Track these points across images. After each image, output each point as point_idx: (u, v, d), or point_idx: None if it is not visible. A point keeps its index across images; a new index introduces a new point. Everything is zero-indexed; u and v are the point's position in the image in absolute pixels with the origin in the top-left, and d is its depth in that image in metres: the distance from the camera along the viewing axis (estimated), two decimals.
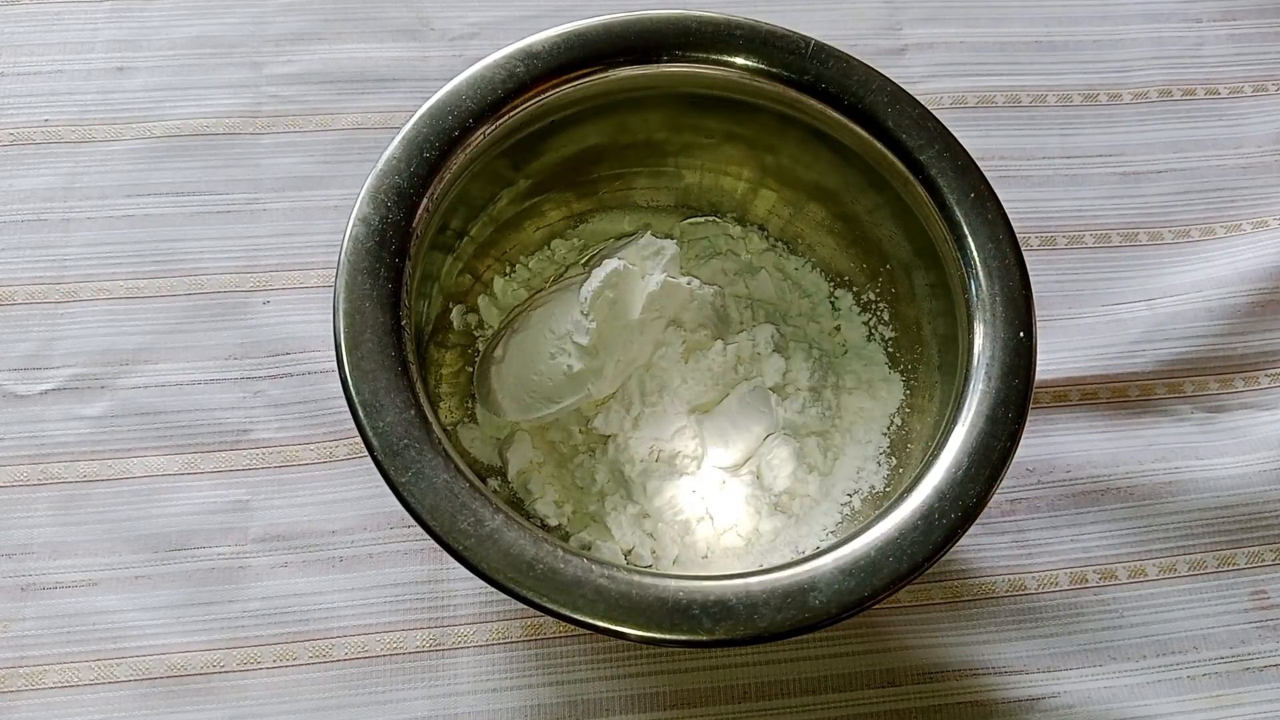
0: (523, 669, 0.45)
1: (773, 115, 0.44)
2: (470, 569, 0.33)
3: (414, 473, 0.34)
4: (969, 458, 0.36)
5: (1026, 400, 0.37)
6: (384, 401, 0.35)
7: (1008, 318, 0.38)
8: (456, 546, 0.33)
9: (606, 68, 0.42)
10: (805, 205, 0.48)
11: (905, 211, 0.43)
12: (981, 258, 0.39)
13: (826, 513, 0.44)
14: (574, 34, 0.42)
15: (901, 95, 0.42)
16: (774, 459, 0.44)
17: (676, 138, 0.48)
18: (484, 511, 0.34)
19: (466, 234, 0.45)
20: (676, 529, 0.43)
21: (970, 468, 0.36)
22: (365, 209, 0.38)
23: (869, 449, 0.45)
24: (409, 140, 0.39)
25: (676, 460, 0.44)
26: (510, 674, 0.45)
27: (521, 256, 0.49)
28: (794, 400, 0.46)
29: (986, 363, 0.37)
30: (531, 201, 0.48)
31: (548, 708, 0.44)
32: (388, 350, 0.36)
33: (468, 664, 0.45)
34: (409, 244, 0.38)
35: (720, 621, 0.33)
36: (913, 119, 0.42)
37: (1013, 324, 0.38)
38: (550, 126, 0.44)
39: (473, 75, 0.41)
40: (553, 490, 0.44)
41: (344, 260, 0.37)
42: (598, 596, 0.33)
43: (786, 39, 0.43)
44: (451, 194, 0.41)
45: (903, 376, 0.46)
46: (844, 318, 0.49)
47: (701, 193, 0.50)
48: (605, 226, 0.50)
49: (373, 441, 0.34)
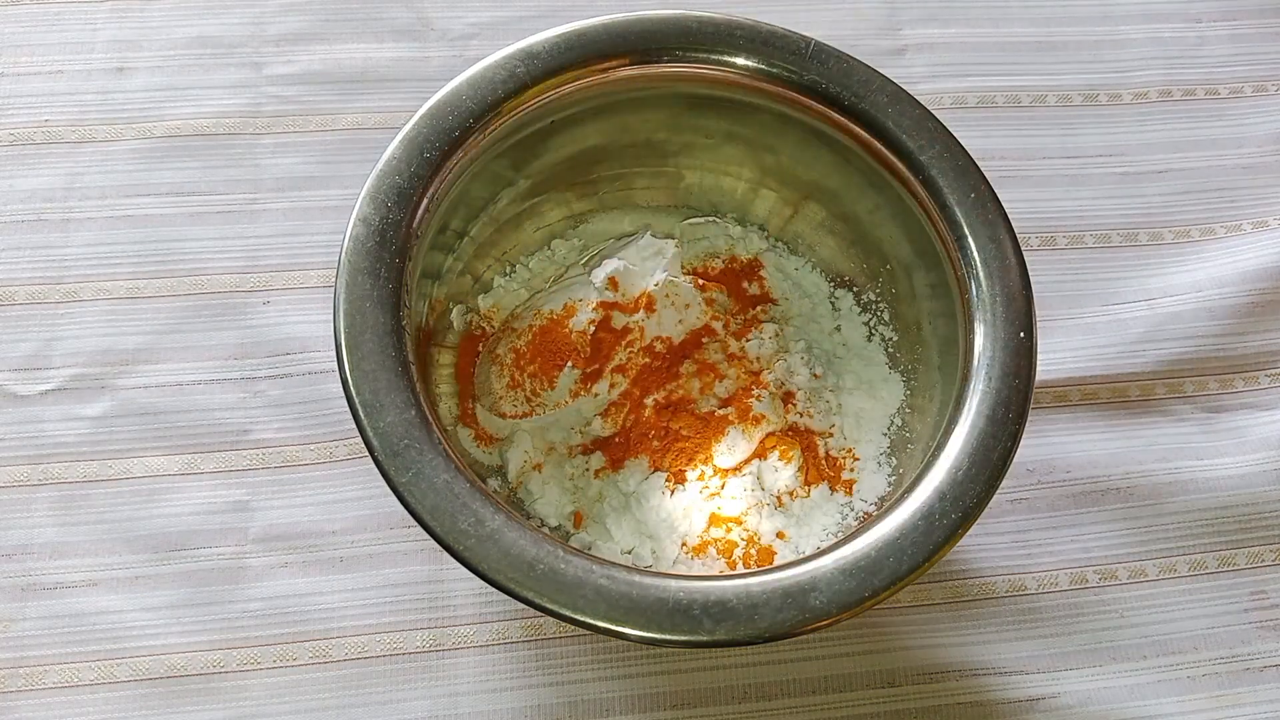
0: (523, 669, 0.45)
1: (772, 115, 0.44)
2: (471, 569, 0.33)
3: (414, 473, 0.34)
4: (969, 458, 0.36)
5: (1027, 401, 0.37)
6: (384, 402, 0.35)
7: (1008, 318, 0.38)
8: (457, 547, 0.33)
9: (606, 68, 0.42)
10: (805, 205, 0.48)
11: (905, 212, 0.43)
12: (982, 258, 0.39)
13: (827, 513, 0.44)
14: (574, 34, 0.42)
15: (902, 95, 0.42)
16: (775, 459, 0.44)
17: (677, 138, 0.48)
18: (484, 512, 0.34)
19: (467, 234, 0.45)
20: (677, 530, 0.43)
21: (970, 468, 0.36)
22: (366, 209, 0.38)
23: (870, 449, 0.45)
24: (409, 140, 0.39)
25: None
26: (511, 674, 0.45)
27: (522, 257, 0.49)
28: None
29: (987, 363, 0.37)
30: (532, 202, 0.48)
31: (548, 708, 0.44)
32: (388, 350, 0.36)
33: (468, 664, 0.45)
34: (409, 244, 0.38)
35: (721, 622, 0.33)
36: (913, 119, 0.42)
37: (1013, 324, 0.38)
38: (550, 127, 0.44)
39: (473, 75, 0.41)
40: (553, 490, 0.44)
41: (344, 260, 0.37)
42: (598, 597, 0.33)
43: (786, 39, 0.43)
44: (452, 194, 0.41)
45: (903, 377, 0.46)
46: (844, 318, 0.48)
47: (702, 193, 0.50)
48: (605, 227, 0.50)
49: (373, 442, 0.34)
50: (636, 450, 0.45)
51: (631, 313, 0.45)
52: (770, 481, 0.44)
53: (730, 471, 0.45)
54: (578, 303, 0.45)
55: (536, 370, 0.44)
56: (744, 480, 0.44)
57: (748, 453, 0.45)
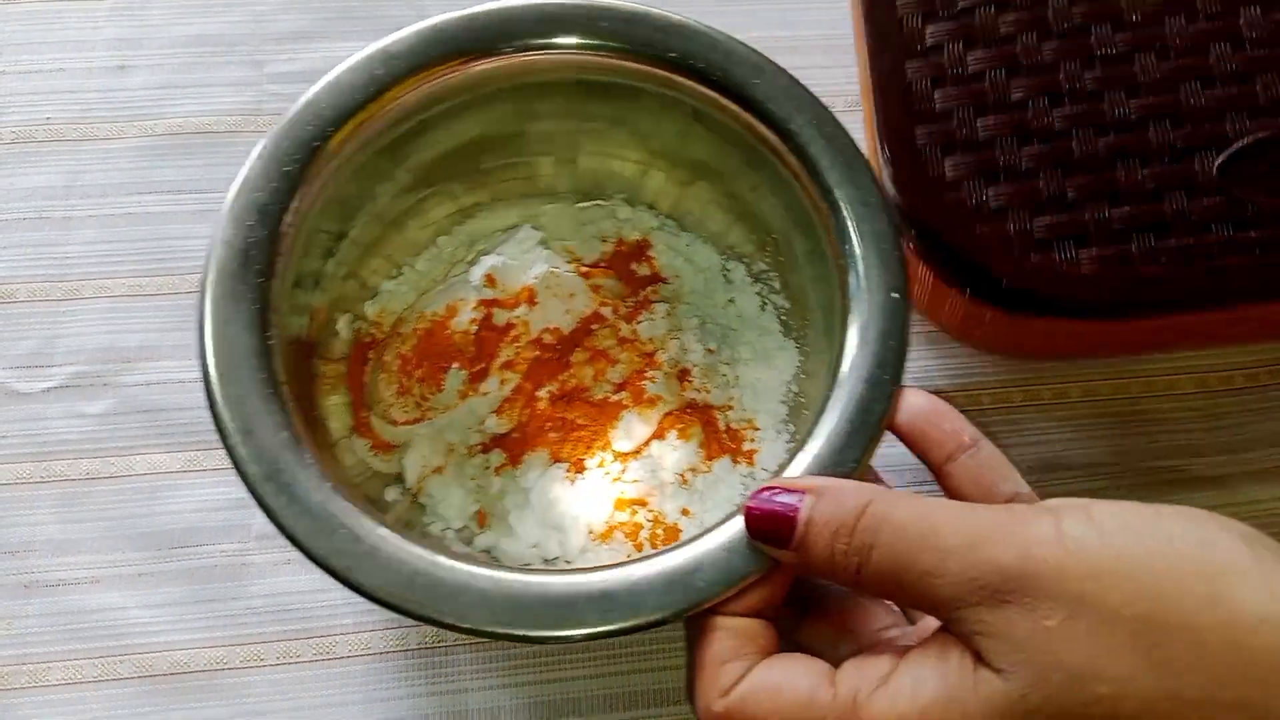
0: (526, 666, 0.45)
1: (655, 98, 0.44)
2: (351, 588, 0.33)
3: (287, 497, 0.33)
4: (847, 423, 0.36)
5: (902, 360, 0.37)
6: (254, 426, 0.34)
7: (881, 280, 0.38)
8: (336, 566, 0.33)
9: (468, 62, 0.42)
10: (693, 184, 0.48)
11: (783, 184, 0.42)
12: (854, 222, 0.39)
13: (730, 486, 0.44)
14: (432, 30, 0.41)
15: (768, 65, 0.42)
16: (673, 438, 0.45)
17: (564, 125, 0.47)
18: (362, 528, 0.33)
19: (346, 235, 0.44)
20: (581, 520, 0.43)
21: (849, 432, 0.35)
22: (227, 231, 0.37)
23: (768, 419, 0.45)
24: (267, 154, 0.38)
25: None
26: (514, 670, 0.45)
27: (409, 258, 0.48)
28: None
29: (861, 325, 0.37)
30: (415, 199, 0.47)
31: (552, 704, 0.44)
32: (256, 373, 0.35)
33: (471, 660, 0.45)
34: (274, 261, 0.37)
35: (605, 613, 0.32)
36: (780, 89, 0.41)
37: (885, 286, 0.38)
38: (424, 123, 0.43)
39: (330, 82, 0.40)
40: (455, 492, 0.44)
41: (207, 285, 0.36)
42: (482, 602, 0.32)
43: (650, 18, 0.42)
44: (320, 202, 0.40)
45: (796, 344, 0.46)
46: (737, 290, 0.48)
47: (592, 178, 0.49)
48: (493, 220, 0.49)
49: (244, 468, 0.34)
50: (534, 444, 0.44)
51: (513, 308, 0.44)
52: (671, 461, 0.44)
53: (630, 455, 0.45)
54: (459, 302, 0.44)
55: (423, 375, 0.44)
56: (645, 462, 0.44)
57: (646, 435, 0.45)
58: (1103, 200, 0.43)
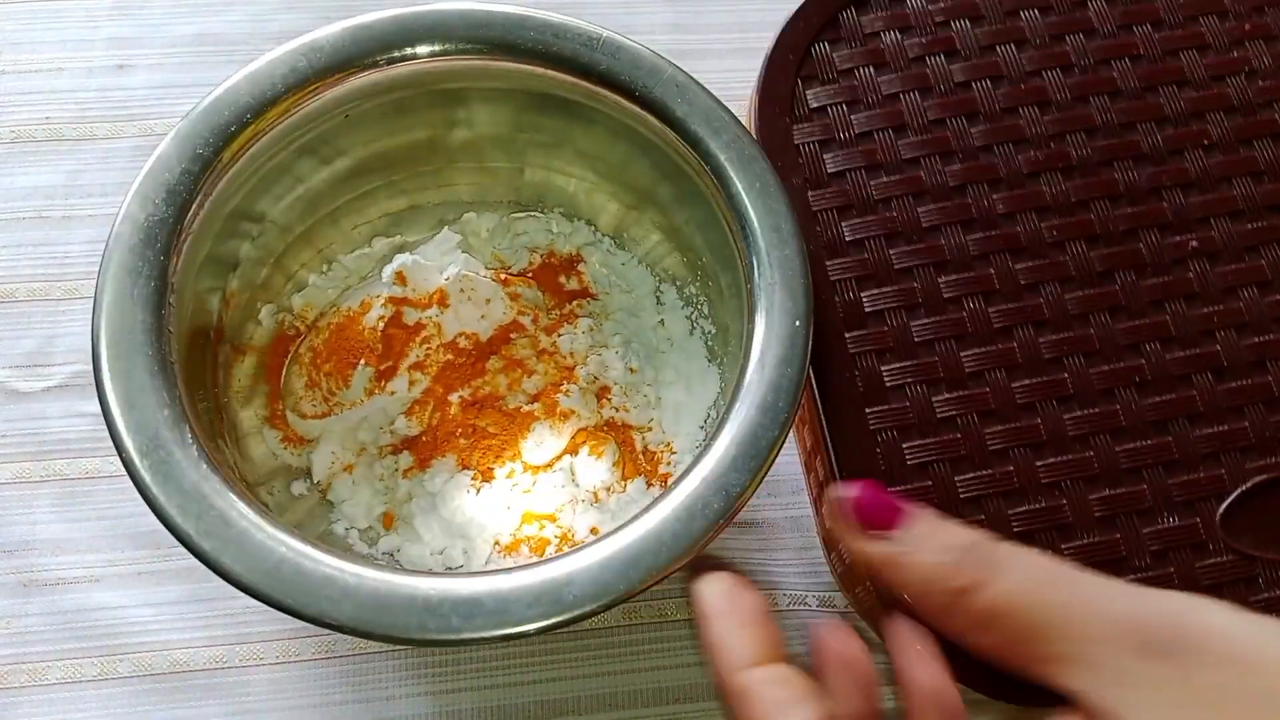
0: (528, 664, 0.45)
1: (605, 124, 0.44)
2: (215, 571, 0.33)
3: (163, 474, 0.33)
4: (737, 447, 0.35)
5: (799, 388, 0.36)
6: (137, 400, 0.34)
7: (785, 307, 0.38)
8: (201, 547, 0.33)
9: (393, 62, 0.42)
10: (638, 209, 0.48)
11: (715, 221, 0.42)
12: (766, 248, 0.39)
13: (642, 506, 0.43)
14: (360, 27, 0.41)
15: (691, 85, 0.41)
16: (585, 454, 0.44)
17: (507, 134, 0.47)
18: (233, 513, 0.33)
19: (266, 221, 0.44)
20: (488, 529, 0.43)
21: (738, 457, 0.35)
22: (132, 207, 0.37)
23: (686, 442, 0.45)
24: (182, 137, 0.39)
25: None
26: (515, 669, 0.45)
27: (340, 255, 0.48)
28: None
29: (760, 352, 0.37)
30: (350, 197, 0.47)
31: (553, 703, 0.44)
32: (145, 350, 0.35)
33: (472, 659, 0.45)
34: (176, 241, 0.37)
35: (469, 619, 0.32)
36: (702, 109, 0.41)
37: (789, 314, 0.38)
38: (350, 119, 0.43)
39: (253, 71, 0.40)
40: (363, 492, 0.44)
41: (106, 258, 0.37)
42: (344, 597, 0.32)
43: (578, 30, 0.42)
44: (235, 189, 0.40)
45: (719, 369, 0.46)
46: (668, 312, 0.48)
47: (535, 190, 0.49)
48: (428, 224, 0.49)
49: (122, 440, 0.34)
50: (443, 449, 0.44)
51: (424, 308, 0.44)
52: (584, 477, 0.44)
53: (542, 468, 0.44)
54: (373, 299, 0.44)
55: (331, 369, 0.44)
56: (556, 476, 0.44)
57: (558, 449, 0.44)
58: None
